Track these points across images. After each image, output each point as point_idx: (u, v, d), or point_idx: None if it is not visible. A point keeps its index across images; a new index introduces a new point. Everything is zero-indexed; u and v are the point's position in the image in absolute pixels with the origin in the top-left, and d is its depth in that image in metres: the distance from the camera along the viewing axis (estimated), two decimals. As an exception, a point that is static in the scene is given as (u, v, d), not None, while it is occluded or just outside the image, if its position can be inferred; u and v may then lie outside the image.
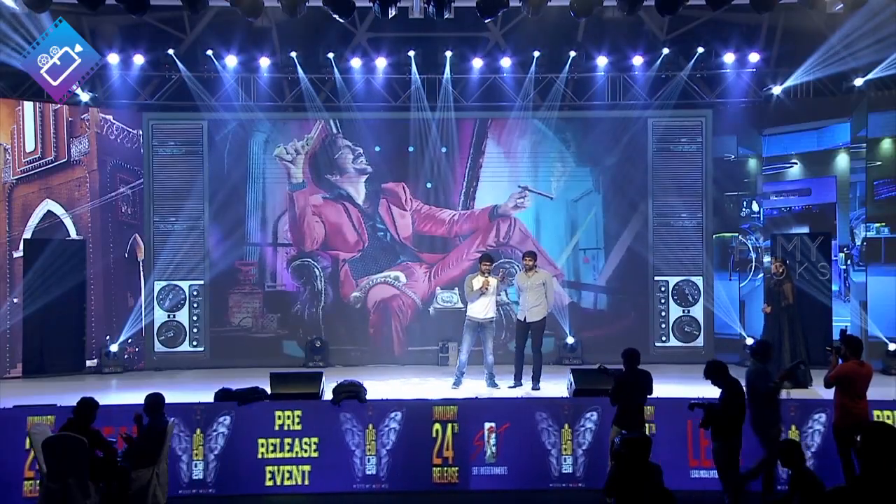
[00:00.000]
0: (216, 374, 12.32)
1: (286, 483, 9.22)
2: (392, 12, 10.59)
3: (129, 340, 13.79)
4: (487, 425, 9.27)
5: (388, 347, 14.32)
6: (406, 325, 14.38)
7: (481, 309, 11.22)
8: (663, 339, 14.31)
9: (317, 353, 13.84)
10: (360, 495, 9.17)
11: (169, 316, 14.15)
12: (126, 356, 13.70)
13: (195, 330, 14.21)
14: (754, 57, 13.65)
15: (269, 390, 9.63)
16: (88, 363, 13.43)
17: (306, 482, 9.23)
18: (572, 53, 13.68)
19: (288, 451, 9.24)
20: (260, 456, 9.23)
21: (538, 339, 11.41)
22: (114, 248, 13.86)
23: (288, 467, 9.25)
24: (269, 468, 9.23)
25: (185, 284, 14.18)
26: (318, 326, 14.28)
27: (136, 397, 8.87)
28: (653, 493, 5.87)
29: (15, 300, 12.87)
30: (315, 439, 9.28)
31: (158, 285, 14.11)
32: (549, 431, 9.27)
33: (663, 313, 14.37)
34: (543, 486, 9.19)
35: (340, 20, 11.39)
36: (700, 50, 13.62)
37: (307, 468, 9.26)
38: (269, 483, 9.21)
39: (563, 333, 14.03)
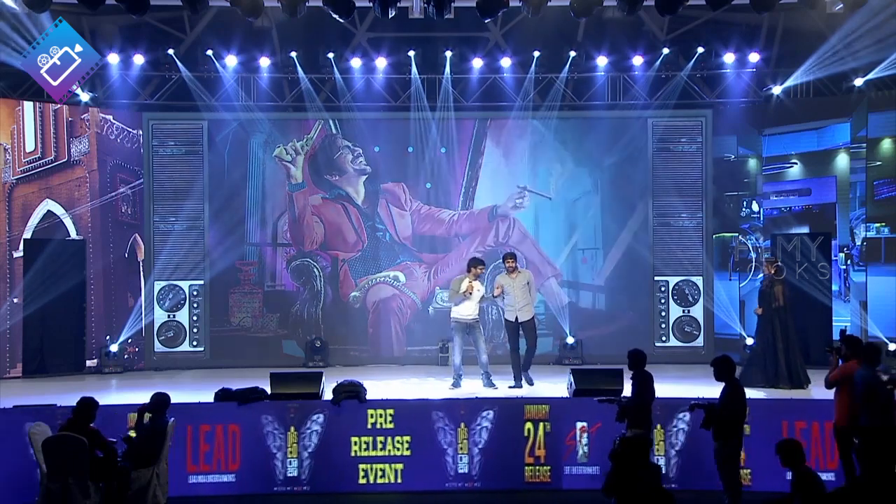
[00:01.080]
0: (216, 374, 12.33)
1: (379, 481, 9.34)
2: (392, 12, 10.61)
3: (129, 340, 13.79)
4: (579, 425, 9.33)
5: (387, 347, 14.32)
6: (405, 324, 14.38)
7: (466, 310, 11.17)
8: (663, 339, 14.31)
9: (317, 353, 13.84)
10: (452, 493, 9.24)
11: (169, 316, 14.15)
12: (126, 356, 13.70)
13: (195, 330, 14.21)
14: (754, 57, 13.65)
15: (269, 390, 9.65)
16: (88, 363, 13.42)
17: (399, 480, 9.34)
18: (572, 53, 13.68)
19: (381, 450, 9.35)
20: (353, 454, 9.35)
21: (533, 337, 11.45)
22: (114, 248, 13.86)
23: (381, 465, 9.36)
24: (362, 466, 9.36)
25: (185, 284, 14.18)
26: (317, 326, 14.28)
27: (136, 397, 8.89)
28: (652, 493, 5.88)
29: (15, 300, 12.87)
30: (407, 438, 9.38)
31: (158, 285, 14.11)
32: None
33: (663, 313, 14.37)
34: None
35: (340, 20, 11.40)
36: (700, 50, 13.62)
37: (400, 466, 9.36)
38: (362, 481, 9.34)
39: (563, 333, 14.03)
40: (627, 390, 9.68)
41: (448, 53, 13.55)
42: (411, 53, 13.64)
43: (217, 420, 9.26)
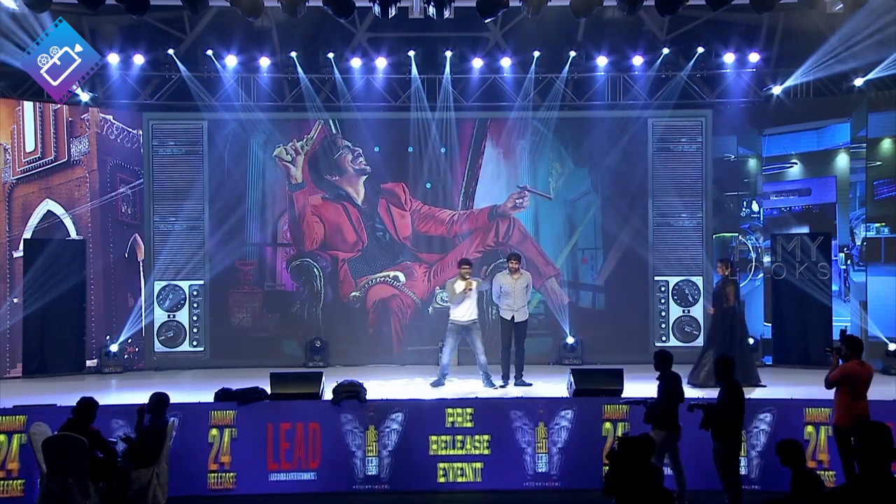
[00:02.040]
0: (216, 374, 12.33)
1: (459, 480, 9.37)
2: (392, 12, 10.60)
3: (129, 340, 13.79)
4: None
5: (387, 347, 14.31)
6: (405, 324, 14.38)
7: (464, 312, 11.27)
8: (663, 339, 14.30)
9: (316, 353, 13.84)
10: (532, 493, 9.26)
11: (169, 316, 14.15)
12: (126, 356, 13.70)
13: (195, 330, 14.21)
14: (754, 57, 13.65)
15: (269, 390, 9.65)
16: (88, 363, 13.42)
17: (479, 479, 9.36)
18: (572, 53, 13.68)
19: (460, 449, 9.37)
20: (432, 453, 9.37)
21: (523, 336, 11.57)
22: (114, 248, 13.86)
23: (460, 464, 9.38)
24: (441, 465, 9.38)
25: (185, 284, 14.18)
26: (317, 326, 14.28)
27: (136, 397, 8.90)
28: (652, 493, 5.87)
29: (15, 300, 12.87)
30: (487, 437, 9.40)
31: (158, 285, 14.11)
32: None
33: (663, 313, 14.37)
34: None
35: (340, 20, 11.40)
36: (700, 50, 13.62)
37: (480, 465, 9.38)
38: (441, 479, 9.36)
39: (563, 333, 14.03)
40: (627, 391, 9.72)
41: (448, 53, 13.55)
42: (411, 53, 13.63)
43: (297, 418, 9.32)
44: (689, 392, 9.76)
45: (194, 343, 14.19)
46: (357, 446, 9.33)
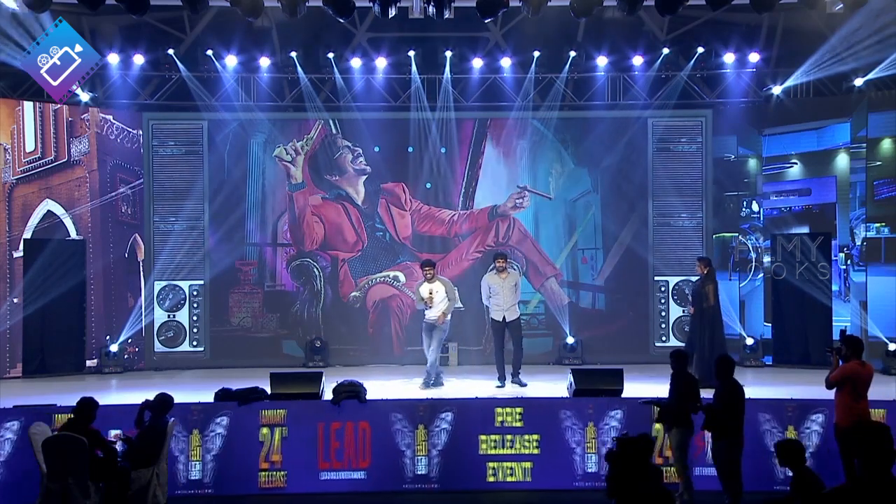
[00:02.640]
0: (216, 374, 12.33)
1: (508, 479, 9.36)
2: (392, 12, 10.60)
3: (129, 340, 13.79)
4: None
5: (387, 347, 14.32)
6: (405, 324, 14.36)
7: (433, 312, 11.37)
8: (663, 338, 14.30)
9: (316, 353, 13.84)
10: (581, 493, 9.23)
11: (169, 316, 14.15)
12: (126, 356, 13.70)
13: (195, 330, 14.21)
14: (754, 57, 13.65)
15: (269, 390, 9.64)
16: (88, 363, 13.42)
17: (528, 478, 9.35)
18: (572, 53, 13.68)
19: (509, 448, 9.37)
20: (481, 452, 9.36)
21: (519, 334, 11.57)
22: (114, 248, 13.86)
23: (509, 464, 9.37)
24: (490, 464, 9.37)
25: (185, 284, 14.18)
26: (317, 326, 14.28)
27: (136, 397, 8.88)
28: (654, 494, 5.86)
29: (15, 300, 12.87)
30: (536, 436, 9.38)
31: (158, 285, 14.11)
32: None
33: (663, 313, 14.37)
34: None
35: (340, 20, 11.40)
36: (700, 50, 13.62)
37: (529, 465, 9.37)
38: (490, 479, 9.35)
39: (563, 333, 14.03)
40: (628, 391, 9.71)
41: (448, 53, 13.55)
42: (411, 53, 13.64)
43: (347, 418, 9.34)
44: None
45: (194, 343, 14.19)
46: (406, 445, 9.35)
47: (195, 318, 14.21)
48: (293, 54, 13.62)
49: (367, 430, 9.36)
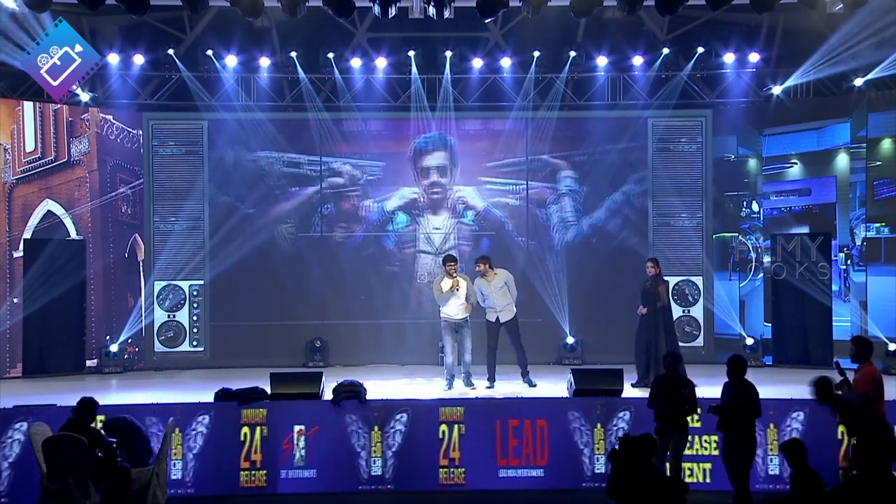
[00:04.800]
0: (216, 374, 12.33)
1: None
2: (392, 12, 10.59)
3: (129, 340, 13.79)
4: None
5: (387, 347, 14.28)
6: (406, 324, 14.35)
7: (454, 309, 11.15)
8: (663, 339, 14.28)
9: (316, 353, 13.83)
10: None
11: (169, 316, 14.15)
12: (126, 356, 13.70)
13: (195, 330, 14.20)
14: (754, 57, 13.65)
15: (269, 390, 9.64)
16: (88, 363, 13.42)
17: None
18: (572, 53, 13.68)
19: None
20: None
21: (517, 334, 11.47)
22: (114, 248, 13.86)
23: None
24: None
25: (185, 284, 14.18)
26: (317, 326, 14.26)
27: (136, 397, 8.89)
28: (657, 490, 5.87)
29: (15, 300, 12.87)
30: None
31: (158, 285, 14.10)
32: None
33: (663, 313, 14.34)
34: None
35: (340, 20, 11.39)
36: (700, 50, 13.62)
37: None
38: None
39: (563, 333, 14.02)
40: (628, 391, 9.71)
41: (448, 53, 13.55)
42: (411, 53, 13.64)
43: (525, 415, 9.37)
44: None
45: (194, 343, 14.19)
46: (584, 444, 9.32)
47: (195, 318, 14.20)
48: (293, 54, 13.62)
49: (545, 428, 9.37)
